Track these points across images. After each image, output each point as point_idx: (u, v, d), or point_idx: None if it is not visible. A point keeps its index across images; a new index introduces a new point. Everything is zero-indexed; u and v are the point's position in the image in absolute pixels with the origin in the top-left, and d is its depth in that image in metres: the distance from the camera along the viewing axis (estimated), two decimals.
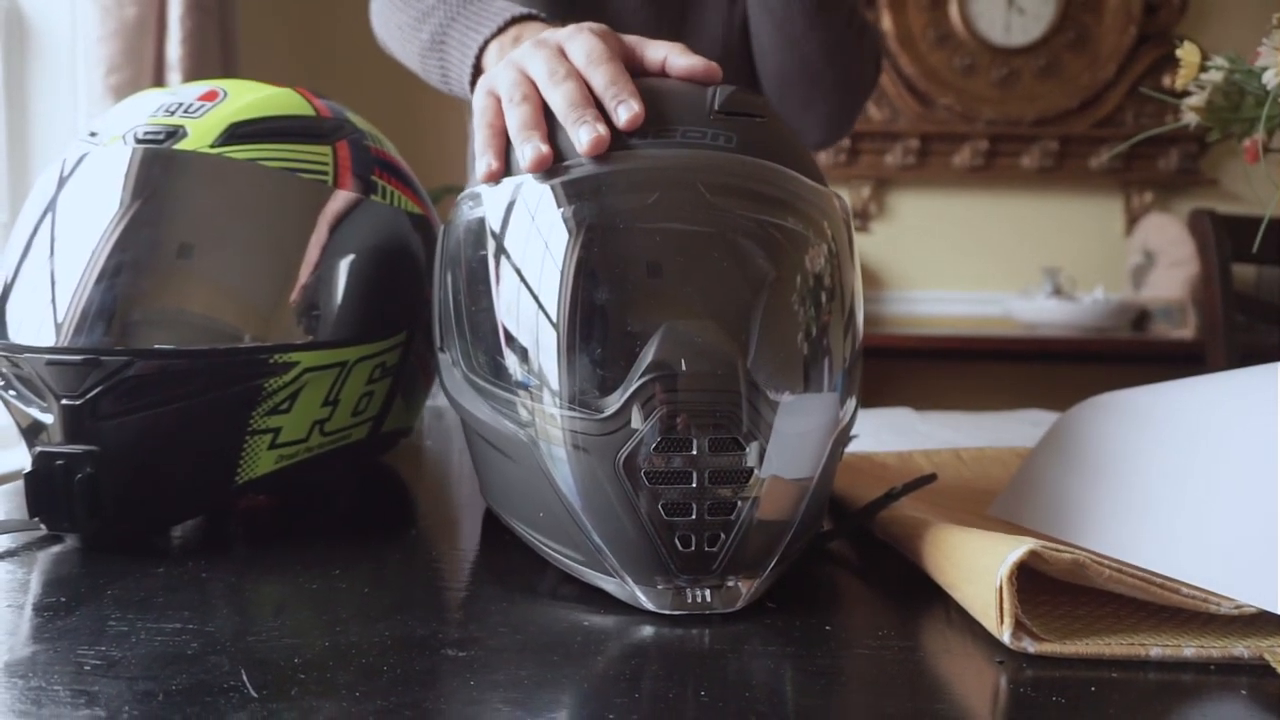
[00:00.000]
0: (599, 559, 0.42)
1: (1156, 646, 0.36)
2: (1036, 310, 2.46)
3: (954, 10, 2.62)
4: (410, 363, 0.63)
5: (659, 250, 0.43)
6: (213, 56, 1.67)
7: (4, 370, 0.50)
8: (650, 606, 0.40)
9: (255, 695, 0.32)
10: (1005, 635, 0.37)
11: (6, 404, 0.51)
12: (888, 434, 0.90)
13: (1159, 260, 2.48)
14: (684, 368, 0.40)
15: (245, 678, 0.33)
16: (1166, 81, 2.57)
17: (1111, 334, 2.41)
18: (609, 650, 0.37)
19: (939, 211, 2.71)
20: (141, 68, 1.58)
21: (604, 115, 0.45)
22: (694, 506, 0.40)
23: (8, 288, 0.51)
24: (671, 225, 0.43)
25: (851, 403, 0.46)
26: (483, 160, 0.47)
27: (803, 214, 0.45)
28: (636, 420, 0.40)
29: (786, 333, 0.43)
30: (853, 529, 0.52)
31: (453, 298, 0.48)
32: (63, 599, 0.41)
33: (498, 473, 0.48)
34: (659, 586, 0.40)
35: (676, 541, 0.40)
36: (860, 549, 0.52)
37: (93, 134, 0.54)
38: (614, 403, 0.40)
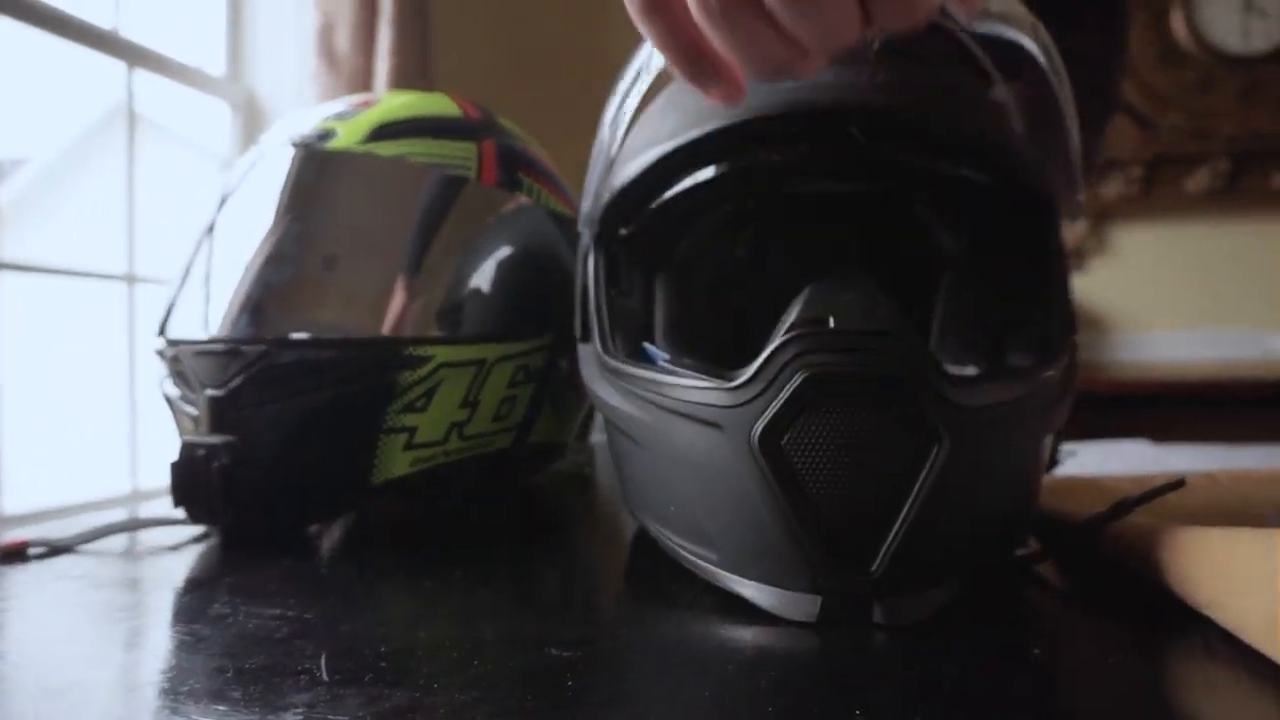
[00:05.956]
0: (737, 559, 0.35)
1: None
2: None
3: (1178, 22, 2.36)
4: (558, 370, 0.59)
5: (809, 202, 0.36)
6: None
7: (169, 370, 0.51)
8: (794, 616, 0.33)
9: (326, 679, 0.28)
10: None
11: (172, 408, 0.52)
12: (1117, 465, 0.76)
13: None
14: (833, 325, 0.33)
15: (323, 662, 0.29)
16: None
17: None
18: (740, 659, 0.30)
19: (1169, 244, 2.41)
20: None
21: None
22: (847, 496, 0.32)
23: (176, 290, 0.53)
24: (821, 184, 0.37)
25: (1066, 402, 0.37)
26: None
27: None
28: (775, 389, 0.33)
29: (966, 295, 0.35)
30: (1072, 545, 0.42)
31: (592, 282, 0.45)
32: (181, 583, 0.40)
33: (632, 467, 0.43)
34: (806, 592, 0.33)
35: (827, 538, 0.32)
36: (1080, 575, 0.41)
37: (261, 142, 0.56)
38: (749, 368, 0.33)
